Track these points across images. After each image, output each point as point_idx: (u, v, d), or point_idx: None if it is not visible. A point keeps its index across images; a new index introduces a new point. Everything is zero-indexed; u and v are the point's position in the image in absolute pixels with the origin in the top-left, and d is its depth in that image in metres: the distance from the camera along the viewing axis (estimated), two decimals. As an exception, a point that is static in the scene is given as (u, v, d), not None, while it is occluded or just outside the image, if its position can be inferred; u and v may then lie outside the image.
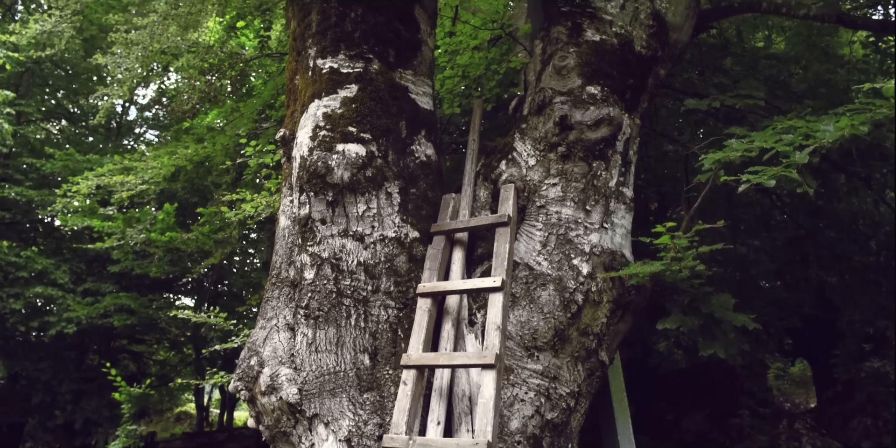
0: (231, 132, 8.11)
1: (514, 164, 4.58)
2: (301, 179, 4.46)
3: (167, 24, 7.56)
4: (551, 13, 4.84)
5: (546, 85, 4.54)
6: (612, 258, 4.41)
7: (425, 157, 4.76)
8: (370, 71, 4.68)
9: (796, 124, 3.67)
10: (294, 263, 4.52)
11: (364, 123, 4.52)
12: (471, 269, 4.64)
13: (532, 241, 4.43)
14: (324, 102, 4.60)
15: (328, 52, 4.70)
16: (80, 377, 13.94)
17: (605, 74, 4.46)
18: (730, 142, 3.91)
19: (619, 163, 4.51)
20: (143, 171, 8.30)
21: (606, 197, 4.45)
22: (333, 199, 4.37)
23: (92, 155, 13.45)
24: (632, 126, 4.60)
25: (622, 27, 4.58)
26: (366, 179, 4.40)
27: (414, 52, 4.92)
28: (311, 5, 4.83)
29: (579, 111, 4.37)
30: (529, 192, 4.49)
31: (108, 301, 12.35)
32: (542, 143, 4.46)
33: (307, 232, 4.45)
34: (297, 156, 4.53)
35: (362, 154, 4.41)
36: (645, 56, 4.60)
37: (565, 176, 4.40)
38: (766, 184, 3.30)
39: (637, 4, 4.60)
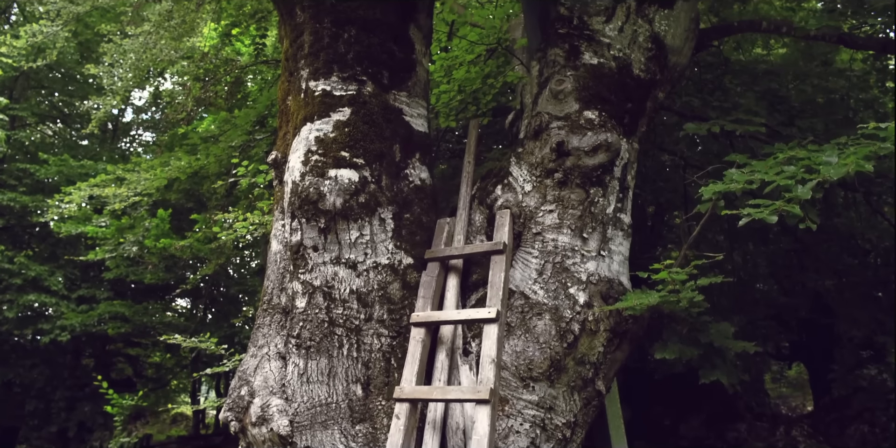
0: (225, 144, 8.02)
1: (510, 190, 4.50)
2: (293, 205, 4.37)
3: (160, 35, 7.46)
4: (548, 34, 4.75)
5: (543, 109, 4.45)
6: (610, 286, 4.33)
7: (419, 180, 4.68)
8: (363, 93, 4.59)
9: (798, 155, 3.60)
10: (285, 290, 4.44)
11: (357, 148, 4.43)
12: (466, 296, 4.56)
13: (528, 268, 4.36)
14: (316, 126, 4.51)
15: (321, 74, 4.61)
16: (74, 384, 13.86)
17: (602, 99, 4.38)
18: (730, 172, 3.84)
19: (616, 189, 4.43)
20: (135, 183, 8.21)
21: (604, 224, 4.37)
22: (326, 225, 4.29)
23: (86, 160, 13.34)
24: (630, 151, 4.52)
25: (620, 50, 4.49)
26: (359, 205, 4.31)
27: (408, 73, 4.83)
28: (303, 25, 4.74)
29: (576, 137, 4.28)
30: (525, 218, 4.41)
31: (102, 308, 12.26)
32: (539, 169, 4.37)
33: (299, 259, 4.37)
34: (289, 181, 4.45)
35: (355, 180, 4.32)
36: (643, 80, 4.52)
37: (562, 203, 4.32)
38: (767, 220, 3.23)
39: (636, 27, 4.52)
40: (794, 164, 3.53)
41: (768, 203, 3.38)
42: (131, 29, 8.46)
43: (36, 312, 12.85)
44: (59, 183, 13.78)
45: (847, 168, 3.15)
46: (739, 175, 3.62)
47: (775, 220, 3.21)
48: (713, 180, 3.82)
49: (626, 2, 4.51)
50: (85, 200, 8.57)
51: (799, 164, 3.51)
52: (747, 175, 3.60)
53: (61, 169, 13.25)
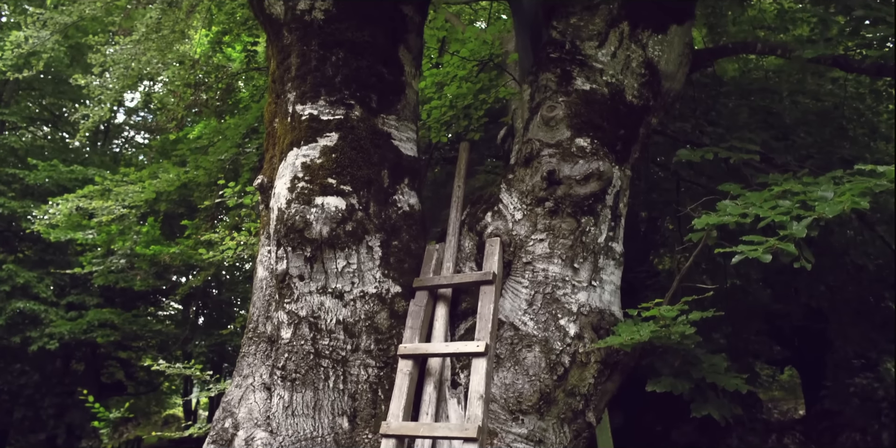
0: (214, 157, 7.92)
1: (500, 217, 4.42)
2: (279, 233, 4.29)
3: (148, 46, 7.35)
4: (540, 58, 4.67)
5: (534, 136, 4.37)
6: (601, 317, 4.26)
7: (408, 206, 4.60)
8: (351, 118, 4.51)
9: (793, 189, 3.52)
10: (271, 319, 4.35)
11: (344, 174, 4.35)
12: (455, 324, 4.48)
13: (518, 298, 4.28)
14: (303, 151, 4.43)
15: (308, 98, 4.52)
16: (63, 391, 13.75)
17: (594, 126, 4.30)
18: (723, 203, 3.77)
19: (608, 217, 4.35)
20: (123, 194, 8.11)
21: (595, 253, 4.29)
22: (312, 254, 4.21)
23: (76, 166, 13.20)
24: (622, 178, 4.44)
25: (613, 76, 4.41)
26: (346, 234, 4.23)
27: (398, 96, 4.74)
28: (290, 47, 4.65)
29: (568, 165, 4.21)
30: (515, 247, 4.33)
31: (92, 316, 12.15)
32: (529, 197, 4.29)
33: (284, 288, 4.29)
34: (275, 207, 4.36)
35: (342, 207, 4.24)
36: (636, 106, 4.44)
37: (553, 232, 4.24)
38: (761, 258, 3.16)
39: (629, 52, 4.43)
40: (789, 199, 3.45)
41: (762, 240, 3.31)
42: (120, 38, 8.35)
43: (24, 320, 12.72)
44: (48, 188, 13.65)
45: (843, 205, 3.09)
46: (733, 208, 3.55)
47: (769, 259, 3.14)
48: (706, 211, 3.74)
49: (619, 27, 4.42)
50: (73, 210, 8.45)
51: (794, 199, 3.44)
52: (741, 208, 3.53)
53: (51, 174, 13.12)
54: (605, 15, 4.41)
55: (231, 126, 8.32)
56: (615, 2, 4.41)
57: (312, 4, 4.61)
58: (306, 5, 4.61)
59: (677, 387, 4.05)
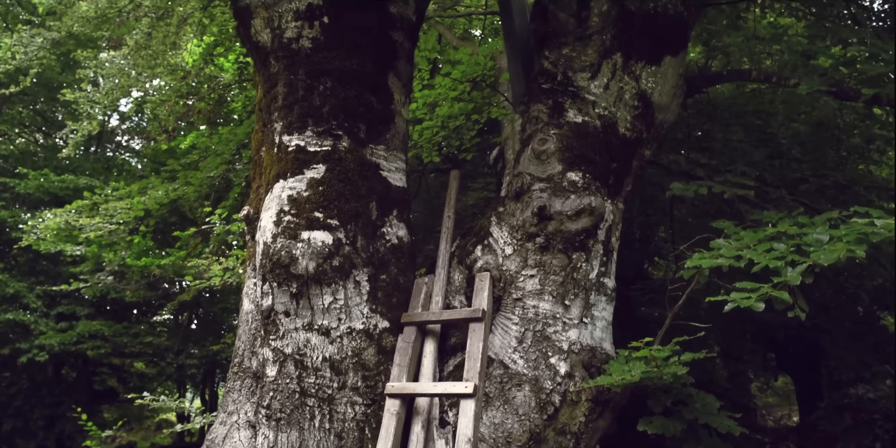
0: (204, 173, 7.83)
1: (490, 252, 4.34)
2: (264, 268, 4.21)
3: (139, 61, 7.26)
4: (531, 88, 4.59)
5: (524, 169, 4.29)
6: (592, 355, 4.19)
7: (397, 239, 4.51)
8: (339, 149, 4.42)
9: (788, 231, 3.45)
10: (257, 355, 4.27)
11: (331, 208, 4.27)
12: (443, 359, 4.41)
13: (508, 335, 4.20)
14: (289, 184, 4.34)
15: (294, 129, 4.44)
16: (52, 401, 13.63)
17: (586, 160, 4.22)
18: (717, 242, 3.70)
19: (600, 252, 4.27)
20: (111, 211, 8.01)
21: (586, 290, 4.22)
22: (298, 290, 4.12)
23: (67, 175, 13.09)
24: (615, 212, 4.37)
25: (606, 108, 4.33)
26: (332, 269, 4.15)
27: (386, 125, 4.66)
28: (276, 76, 4.56)
29: (559, 200, 4.13)
30: (506, 282, 4.25)
31: (82, 327, 12.04)
32: (520, 232, 4.22)
33: (270, 324, 4.21)
34: (261, 241, 4.28)
35: (329, 242, 4.16)
36: (629, 138, 4.37)
37: (543, 268, 4.17)
38: (754, 307, 3.08)
39: (622, 84, 4.36)
40: (784, 242, 3.38)
41: (755, 286, 3.24)
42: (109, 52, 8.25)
43: (14, 330, 12.60)
44: (39, 197, 13.55)
45: (838, 253, 3.01)
46: (727, 248, 3.47)
47: (762, 307, 3.08)
48: (699, 249, 3.67)
49: (612, 58, 4.35)
50: (61, 225, 8.35)
51: (789, 243, 3.36)
52: (734, 250, 3.46)
53: (41, 183, 13.00)
54: (597, 46, 4.34)
55: (222, 141, 8.22)
56: (608, 33, 4.33)
57: (300, 33, 4.52)
58: (293, 33, 4.52)
59: (669, 428, 3.98)
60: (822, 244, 3.31)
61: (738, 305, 3.11)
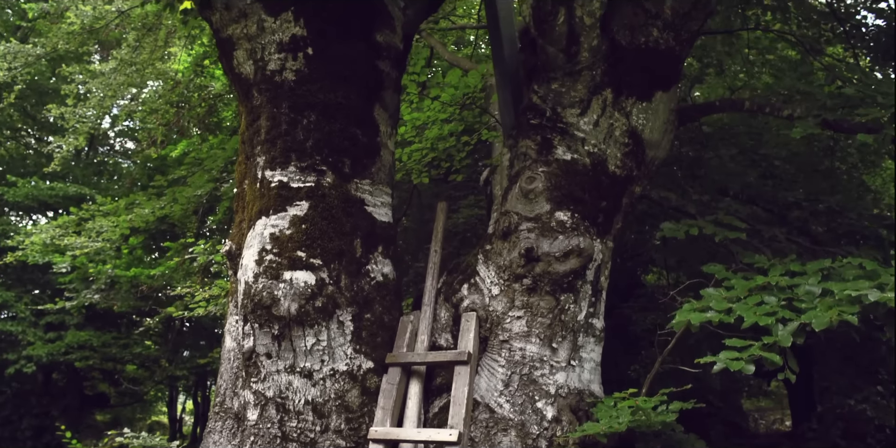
0: (191, 191, 7.72)
1: (477, 291, 4.26)
2: (245, 308, 4.11)
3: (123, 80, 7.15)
4: (520, 122, 4.49)
5: (512, 208, 4.20)
6: (580, 398, 4.11)
7: (381, 276, 4.42)
8: (322, 185, 4.32)
9: (780, 282, 3.36)
10: (238, 396, 4.18)
11: (314, 247, 4.17)
12: (429, 400, 4.32)
13: (494, 378, 4.12)
14: (271, 221, 4.24)
15: (277, 164, 4.34)
16: (41, 411, 13.51)
17: (575, 199, 4.13)
18: (706, 292, 3.62)
19: (588, 293, 4.19)
20: (97, 228, 7.90)
21: (574, 332, 4.14)
22: (280, 332, 4.03)
23: (57, 183, 12.94)
24: (604, 251, 4.28)
25: (595, 145, 4.24)
26: (315, 310, 4.06)
27: (372, 159, 4.56)
28: (259, 109, 4.46)
29: (547, 241, 4.04)
30: (492, 323, 4.17)
31: (70, 338, 11.93)
32: (507, 273, 4.13)
33: (251, 366, 4.12)
34: (242, 280, 4.18)
35: (311, 283, 4.07)
36: (619, 176, 4.28)
37: (531, 310, 4.08)
38: (745, 370, 3.00)
39: (612, 121, 4.26)
40: (775, 294, 3.29)
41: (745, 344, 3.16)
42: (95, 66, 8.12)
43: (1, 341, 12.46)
44: (28, 204, 13.42)
45: (830, 316, 2.93)
46: (717, 301, 3.39)
47: (752, 370, 2.99)
48: (688, 298, 3.58)
49: (602, 94, 4.25)
50: (47, 241, 8.25)
51: (780, 296, 3.28)
52: (724, 301, 3.37)
53: (31, 191, 12.86)
54: (587, 81, 4.24)
55: (210, 156, 8.11)
56: (598, 68, 4.23)
57: (283, 65, 4.42)
58: (277, 65, 4.42)
59: (658, 474, 3.90)
60: (814, 297, 3.23)
61: (727, 367, 3.02)
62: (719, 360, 3.05)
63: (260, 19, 4.39)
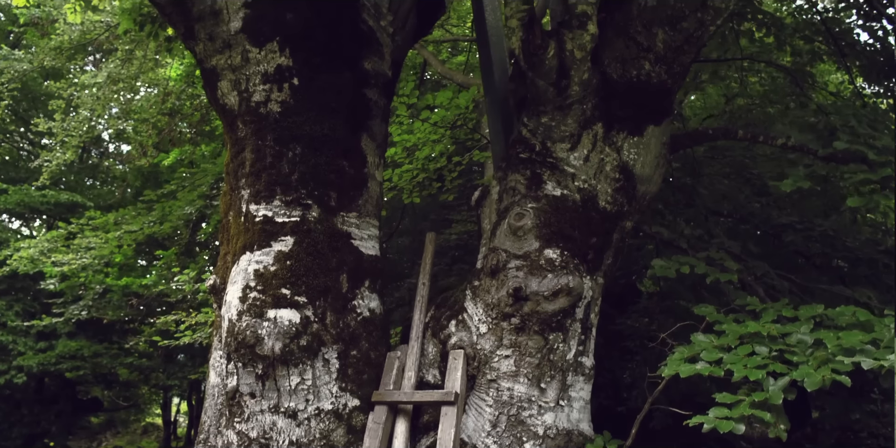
0: (179, 211, 7.65)
1: (465, 328, 4.19)
2: (229, 346, 4.04)
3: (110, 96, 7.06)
4: (509, 155, 4.42)
5: (500, 245, 4.13)
6: (569, 438, 4.04)
7: (368, 311, 4.35)
8: (308, 219, 4.25)
9: (771, 331, 3.30)
10: (222, 435, 4.11)
11: (299, 284, 4.10)
12: (416, 438, 4.25)
13: (481, 418, 4.06)
14: (256, 257, 4.17)
15: (262, 198, 4.26)
16: (32, 420, 13.44)
17: (564, 236, 4.06)
18: (696, 338, 3.55)
19: (578, 331, 4.13)
20: (86, 245, 7.82)
21: (563, 371, 4.07)
22: (263, 372, 3.96)
23: (48, 191, 12.84)
24: (594, 288, 4.22)
25: (586, 181, 4.17)
26: (300, 349, 3.99)
27: (359, 191, 4.49)
28: (244, 141, 4.38)
29: (535, 280, 3.97)
30: (480, 362, 4.10)
31: (61, 348, 11.85)
32: (495, 311, 4.06)
33: (235, 406, 4.05)
34: (226, 317, 4.11)
35: (296, 321, 4.00)
36: (610, 212, 4.21)
37: (519, 349, 4.02)
38: (735, 431, 2.94)
39: (602, 156, 4.19)
40: (766, 344, 3.23)
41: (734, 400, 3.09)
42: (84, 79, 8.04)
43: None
44: (19, 211, 13.33)
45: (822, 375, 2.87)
46: (708, 351, 3.32)
47: (742, 430, 2.93)
48: (678, 346, 3.52)
49: (592, 128, 4.18)
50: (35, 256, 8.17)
51: (771, 346, 3.22)
52: (715, 351, 3.31)
53: (22, 198, 12.76)
54: (577, 115, 4.17)
55: (199, 171, 8.03)
56: (589, 102, 4.16)
57: (268, 96, 4.34)
58: (262, 97, 4.34)
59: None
60: (806, 347, 3.17)
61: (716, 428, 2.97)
62: (708, 421, 2.99)
63: (244, 50, 4.31)
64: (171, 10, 4.17)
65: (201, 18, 4.25)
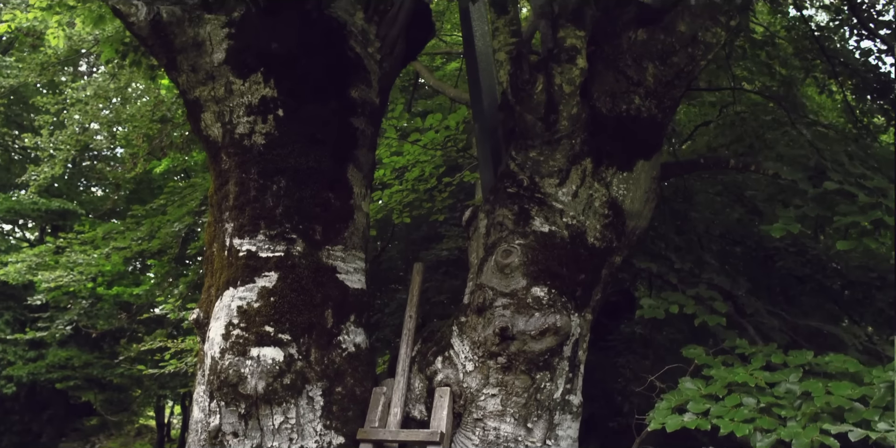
0: (168, 228, 7.58)
1: (451, 365, 4.13)
2: (212, 385, 3.99)
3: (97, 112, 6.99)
4: (497, 189, 4.36)
5: (487, 282, 4.07)
6: (556, 478, 4.00)
7: (354, 347, 4.30)
8: (292, 254, 4.18)
9: (759, 381, 3.25)
10: (204, 473, 4.06)
11: (283, 322, 4.04)
12: (402, 476, 4.21)
13: (468, 458, 4.00)
14: (239, 293, 4.11)
15: (246, 232, 4.19)
16: (23, 428, 13.37)
17: (552, 274, 4.01)
18: (684, 385, 3.50)
19: (566, 370, 4.07)
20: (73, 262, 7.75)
21: (550, 410, 4.02)
22: (247, 411, 3.91)
23: (40, 198, 12.74)
24: (583, 324, 4.16)
25: (574, 217, 4.11)
26: (283, 387, 3.93)
27: (345, 223, 4.42)
28: (228, 173, 4.31)
29: (522, 319, 3.91)
30: (466, 400, 4.05)
31: (51, 357, 11.79)
32: (482, 349, 4.00)
33: (217, 445, 3.99)
34: (209, 354, 4.05)
35: (280, 359, 3.94)
36: (599, 248, 4.15)
37: (505, 388, 3.97)
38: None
39: (591, 191, 4.13)
40: (754, 395, 3.18)
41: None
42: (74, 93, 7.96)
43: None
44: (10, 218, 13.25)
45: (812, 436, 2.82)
46: (695, 401, 3.27)
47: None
48: (667, 392, 3.47)
49: (581, 163, 4.12)
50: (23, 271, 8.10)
51: (759, 398, 3.17)
52: (702, 400, 3.26)
53: (13, 205, 12.68)
54: (566, 150, 4.11)
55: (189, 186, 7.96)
56: (577, 137, 4.10)
57: (252, 128, 4.27)
58: (246, 129, 4.27)
59: None
60: (794, 397, 3.12)
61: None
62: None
63: (228, 82, 4.24)
64: (154, 42, 4.09)
65: (184, 50, 4.18)
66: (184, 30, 4.11)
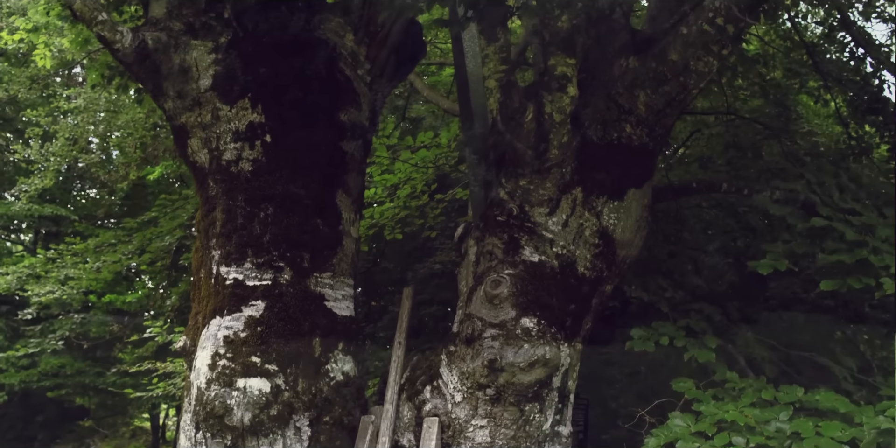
0: (158, 242, 7.53)
1: (440, 395, 4.10)
2: (198, 415, 3.95)
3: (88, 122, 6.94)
4: (487, 217, 4.31)
5: (476, 312, 4.03)
6: (545, 511, 3.97)
7: (342, 375, 4.26)
8: (280, 282, 4.14)
9: (748, 419, 3.22)
10: (189, 503, 4.03)
11: (270, 352, 4.00)
12: (390, 506, 4.17)
13: (457, 489, 3.97)
14: (226, 322, 4.06)
15: (233, 260, 4.15)
16: (15, 436, 13.28)
17: (542, 304, 3.97)
18: (674, 420, 3.46)
19: (555, 400, 4.04)
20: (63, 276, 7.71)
21: (540, 442, 3.99)
22: (233, 443, 3.88)
23: (33, 205, 12.64)
24: (572, 354, 4.13)
25: (564, 247, 4.07)
26: (270, 419, 3.90)
27: (333, 250, 4.38)
28: (215, 200, 4.26)
29: (511, 350, 3.88)
30: (455, 431, 4.01)
31: (44, 365, 11.71)
32: (470, 380, 3.97)
33: (203, 477, 3.95)
34: (195, 384, 4.02)
35: (266, 390, 3.90)
36: (589, 278, 4.12)
37: (494, 420, 3.93)
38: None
39: (582, 221, 4.09)
40: (743, 435, 3.15)
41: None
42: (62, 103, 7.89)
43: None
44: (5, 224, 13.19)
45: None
46: (685, 441, 3.23)
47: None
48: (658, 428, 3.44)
49: (571, 193, 4.08)
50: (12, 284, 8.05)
51: (748, 437, 3.14)
52: (691, 439, 3.23)
53: (5, 211, 12.58)
54: (556, 179, 4.07)
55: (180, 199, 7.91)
56: (568, 165, 4.06)
57: (240, 154, 4.22)
58: (233, 155, 4.22)
59: None
60: (784, 436, 3.09)
61: None
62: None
63: (215, 108, 4.19)
64: (139, 69, 4.03)
65: (170, 76, 4.12)
66: (170, 56, 4.06)
